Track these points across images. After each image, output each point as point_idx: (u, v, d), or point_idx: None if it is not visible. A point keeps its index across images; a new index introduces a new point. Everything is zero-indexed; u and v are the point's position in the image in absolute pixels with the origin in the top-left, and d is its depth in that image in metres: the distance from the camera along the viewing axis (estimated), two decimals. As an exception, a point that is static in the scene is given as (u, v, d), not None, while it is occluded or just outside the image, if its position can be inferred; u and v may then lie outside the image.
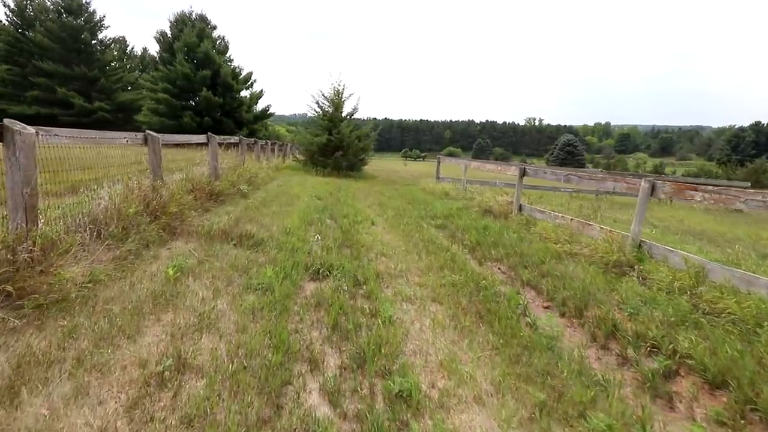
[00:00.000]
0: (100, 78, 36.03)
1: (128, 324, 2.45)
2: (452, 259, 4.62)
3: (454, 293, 3.54)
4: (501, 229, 6.07)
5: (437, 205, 8.39)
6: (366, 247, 4.86)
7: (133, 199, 3.92)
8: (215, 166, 7.00)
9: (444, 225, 6.75)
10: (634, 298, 3.45)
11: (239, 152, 9.22)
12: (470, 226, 6.37)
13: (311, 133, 15.92)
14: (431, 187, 11.48)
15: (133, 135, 4.40)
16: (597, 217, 7.82)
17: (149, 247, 3.92)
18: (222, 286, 3.21)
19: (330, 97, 16.01)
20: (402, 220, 6.74)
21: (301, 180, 12.18)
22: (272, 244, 4.42)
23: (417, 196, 9.95)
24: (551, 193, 12.90)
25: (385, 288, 3.59)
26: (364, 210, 7.67)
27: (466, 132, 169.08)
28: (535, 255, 4.80)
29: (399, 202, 8.85)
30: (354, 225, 6.08)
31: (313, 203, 7.76)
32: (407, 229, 6.09)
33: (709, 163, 73.16)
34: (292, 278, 3.50)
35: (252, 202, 6.96)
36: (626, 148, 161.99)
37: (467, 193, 9.28)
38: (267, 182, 10.23)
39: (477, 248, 5.30)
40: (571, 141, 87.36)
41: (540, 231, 5.79)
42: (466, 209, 8.00)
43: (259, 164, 11.21)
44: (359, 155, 16.05)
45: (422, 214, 7.59)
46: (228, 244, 4.34)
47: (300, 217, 6.08)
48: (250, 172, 8.94)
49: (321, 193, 9.33)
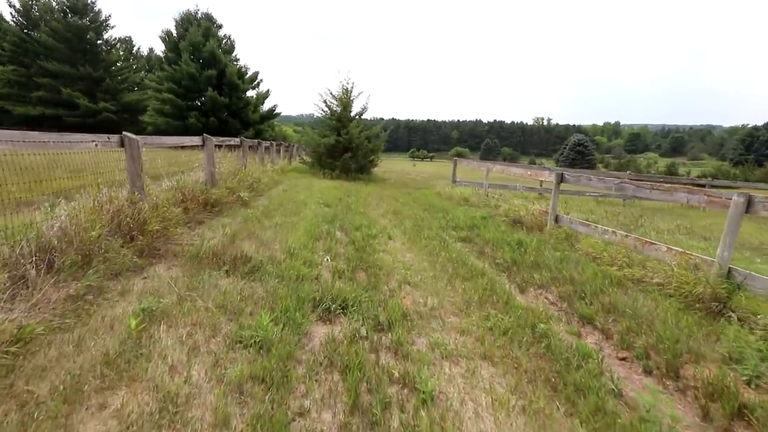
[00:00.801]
0: (105, 78, 35.65)
1: (54, 419, 1.67)
2: (490, 287, 3.80)
3: (507, 343, 2.72)
4: (538, 245, 5.23)
5: (458, 213, 7.57)
6: (385, 271, 4.05)
7: (98, 219, 3.15)
8: (212, 171, 6.24)
9: (469, 238, 5.93)
10: (748, 353, 2.60)
11: (240, 155, 8.48)
12: (500, 241, 5.54)
13: (319, 134, 15.15)
14: (448, 191, 10.64)
15: (105, 138, 3.64)
16: (640, 228, 6.95)
17: (119, 278, 3.14)
18: (203, 339, 2.42)
19: (338, 95, 15.23)
20: (422, 233, 5.92)
21: (308, 184, 11.41)
22: (272, 270, 3.63)
23: (433, 202, 9.13)
24: (575, 197, 11.99)
25: (417, 336, 2.77)
26: (378, 220, 6.87)
27: (474, 132, 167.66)
28: (589, 281, 3.95)
29: (415, 210, 8.03)
30: (368, 240, 5.28)
31: (321, 212, 6.97)
32: (430, 244, 5.27)
33: (724, 164, 71.20)
34: (295, 322, 2.70)
35: (253, 212, 6.19)
36: (636, 147, 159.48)
37: (490, 199, 8.43)
38: (271, 187, 9.46)
39: (514, 269, 4.48)
40: (581, 141, 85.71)
41: (586, 249, 4.94)
42: (492, 219, 7.16)
43: (262, 167, 10.45)
44: (369, 157, 15.24)
45: (443, 224, 6.77)
46: (219, 271, 3.55)
47: (306, 231, 5.29)
48: (252, 177, 8.19)
49: (329, 200, 8.55)
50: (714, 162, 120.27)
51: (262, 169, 9.87)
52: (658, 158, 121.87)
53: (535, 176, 6.67)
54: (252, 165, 9.77)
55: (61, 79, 33.74)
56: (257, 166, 9.93)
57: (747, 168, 49.13)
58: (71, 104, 33.93)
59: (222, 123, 33.92)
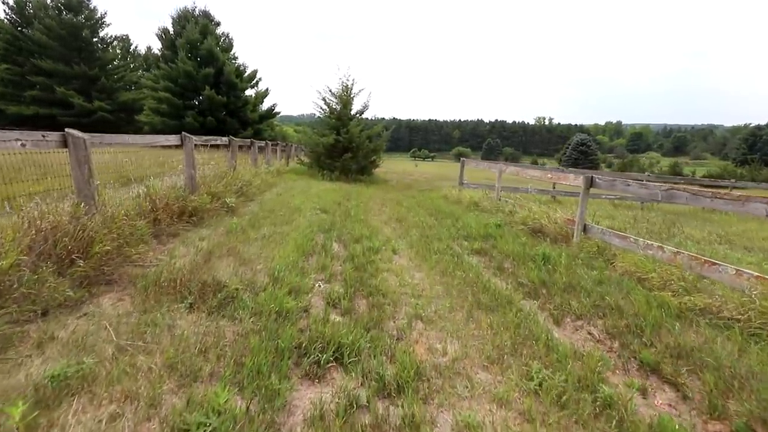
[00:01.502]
0: (100, 77, 34.92)
1: None
2: (522, 321, 3.05)
3: (566, 418, 1.96)
4: (568, 261, 4.47)
5: (469, 220, 6.81)
6: (391, 300, 3.30)
7: (15, 241, 2.40)
8: (191, 174, 5.49)
9: (484, 250, 5.18)
10: None
11: (229, 155, 7.73)
12: (522, 255, 4.79)
13: (317, 133, 14.39)
14: (455, 194, 9.88)
15: (39, 136, 2.88)
16: (674, 238, 6.19)
17: (45, 319, 2.40)
18: (128, 429, 1.67)
19: (338, 93, 14.45)
20: (431, 245, 5.17)
21: (305, 186, 10.66)
22: (249, 303, 2.88)
23: (441, 207, 8.37)
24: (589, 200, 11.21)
25: (438, 408, 2.01)
26: (381, 229, 6.12)
27: (475, 132, 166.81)
28: (642, 312, 3.21)
29: (421, 216, 7.28)
30: (370, 255, 4.53)
31: (316, 220, 6.22)
32: (441, 260, 4.52)
33: (729, 164, 70.20)
34: (269, 389, 1.95)
35: (238, 222, 5.44)
36: (638, 147, 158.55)
37: (503, 204, 7.67)
38: (263, 191, 8.71)
39: (543, 292, 3.74)
40: (584, 140, 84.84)
41: (627, 267, 4.18)
42: (508, 227, 6.40)
43: (255, 169, 9.70)
44: (370, 157, 14.47)
45: (453, 233, 6.02)
46: (181, 303, 2.81)
47: (297, 245, 4.54)
48: (242, 180, 7.44)
49: (327, 204, 7.80)
50: (717, 161, 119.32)
51: (254, 171, 9.13)
52: (661, 158, 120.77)
53: (557, 179, 5.91)
54: (244, 167, 9.03)
55: (55, 77, 33.03)
56: (249, 168, 9.18)
57: (753, 168, 48.21)
58: (66, 103, 33.21)
59: (220, 122, 33.21)
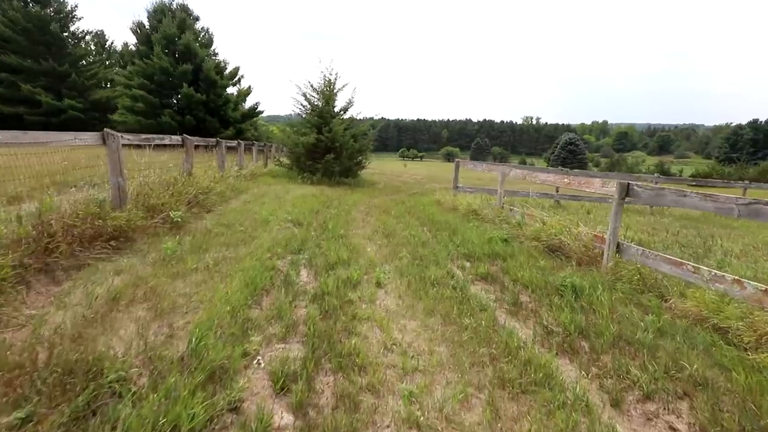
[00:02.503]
0: (71, 74, 32.96)
1: None
2: (574, 413, 1.95)
3: None
4: (607, 296, 3.39)
5: (470, 233, 5.71)
6: (372, 382, 2.16)
7: None
8: (118, 183, 4.25)
9: (493, 276, 4.10)
10: None
11: (184, 158, 6.47)
12: (543, 285, 3.72)
13: (297, 132, 13.16)
14: (449, 199, 8.78)
15: None
16: (714, 256, 5.16)
17: None
18: None
19: (320, 88, 13.22)
20: (426, 271, 4.05)
21: (281, 192, 9.45)
22: (127, 415, 1.70)
23: (434, 216, 7.25)
24: (573, 202, 10.24)
25: None
26: (364, 247, 4.97)
27: (464, 131, 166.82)
28: (743, 389, 2.15)
29: (413, 228, 6.15)
30: (346, 291, 3.40)
31: (285, 237, 5.05)
32: (441, 297, 3.40)
33: (714, 162, 70.65)
34: None
35: (178, 244, 4.23)
36: (624, 146, 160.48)
37: (506, 212, 6.59)
38: (228, 199, 7.49)
39: (584, 347, 2.68)
40: (573, 140, 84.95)
41: (692, 308, 3.11)
42: (517, 242, 5.32)
43: (221, 173, 8.44)
44: (355, 158, 13.27)
45: (452, 251, 4.92)
46: (7, 417, 1.62)
47: (248, 279, 3.38)
48: (199, 187, 6.21)
49: (302, 214, 6.63)
50: (700, 160, 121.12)
51: (217, 176, 7.88)
52: (646, 156, 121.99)
53: (579, 185, 4.83)
54: (206, 171, 7.77)
55: (21, 74, 31.01)
56: (213, 172, 7.93)
57: (740, 166, 48.35)
58: (33, 102, 31.24)
59: (200, 122, 31.61)
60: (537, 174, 6.04)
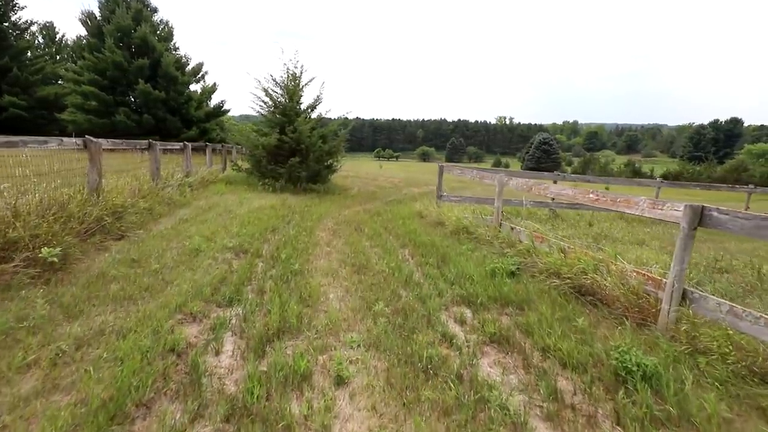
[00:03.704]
0: (12, 68, 29.93)
1: None
2: None
3: None
4: (708, 397, 2.15)
5: (464, 262, 4.43)
6: None
7: None
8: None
9: (508, 338, 2.85)
10: None
11: (89, 166, 4.79)
12: (589, 361, 2.48)
13: (257, 132, 11.57)
14: (433, 212, 7.49)
15: None
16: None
17: None
18: None
19: (283, 82, 11.69)
20: (412, 339, 2.72)
21: (234, 204, 7.91)
22: None
23: (417, 234, 5.93)
24: (540, 209, 9.20)
25: None
26: (324, 293, 3.59)
27: (439, 131, 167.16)
28: None
29: (391, 255, 4.81)
30: (285, 396, 2.02)
31: (215, 277, 3.62)
32: (440, 400, 2.08)
33: (683, 161, 72.63)
34: None
35: (34, 306, 2.74)
36: (594, 145, 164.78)
37: (506, 231, 5.35)
38: (158, 217, 5.93)
39: None
40: (546, 139, 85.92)
41: None
42: (528, 276, 4.06)
43: (155, 183, 6.83)
44: (324, 161, 11.78)
45: (445, 292, 3.66)
46: None
47: (121, 379, 1.95)
48: (110, 206, 4.65)
49: (251, 237, 5.19)
50: (666, 158, 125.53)
51: (149, 188, 6.29)
52: (616, 155, 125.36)
53: (616, 205, 3.59)
54: (132, 182, 6.16)
55: (-47, 68, 27.86)
56: (141, 183, 6.32)
57: (709, 165, 49.58)
58: (-32, 99, 28.13)
59: (159, 121, 29.27)
60: (547, 185, 4.79)
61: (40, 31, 40.47)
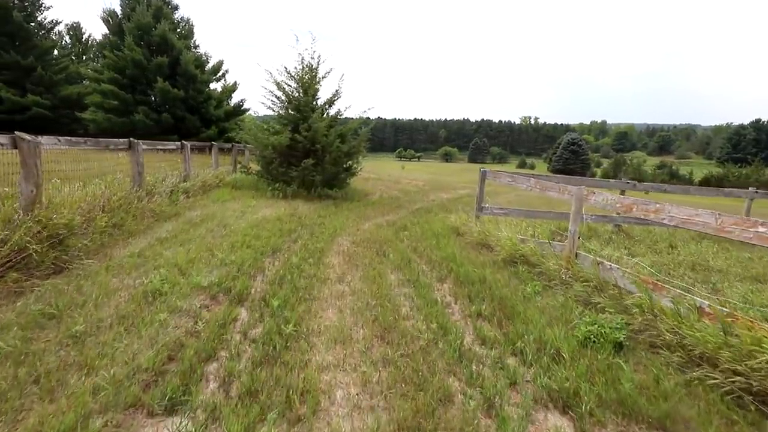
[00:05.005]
0: (36, 67, 29.98)
1: None
2: None
3: None
4: None
5: (539, 318, 2.97)
6: None
7: None
8: None
9: None
10: None
11: (22, 173, 3.56)
12: None
13: (268, 131, 10.35)
14: (474, 229, 6.02)
15: None
16: None
17: None
18: None
19: (297, 74, 10.43)
20: None
21: (231, 215, 6.65)
22: None
23: (459, 263, 4.48)
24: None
25: None
26: (327, 393, 2.19)
27: (462, 131, 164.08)
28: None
29: (428, 298, 3.39)
30: None
31: (155, 358, 2.30)
32: None
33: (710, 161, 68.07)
34: None
35: None
36: (624, 146, 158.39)
37: (586, 267, 3.83)
38: (131, 235, 4.69)
39: None
40: (575, 140, 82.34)
41: None
42: (643, 350, 2.58)
43: (135, 189, 5.61)
44: (342, 163, 10.43)
45: (521, 380, 2.18)
46: None
47: None
48: (30, 231, 3.42)
49: (238, 267, 3.88)
50: (702, 160, 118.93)
51: (125, 195, 5.07)
52: (647, 157, 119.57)
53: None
54: (96, 189, 4.95)
55: (-20, 67, 28.06)
56: (116, 189, 5.10)
57: (757, 167, 45.84)
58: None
59: (178, 120, 28.72)
60: (659, 206, 3.22)
61: (67, 32, 40.90)
